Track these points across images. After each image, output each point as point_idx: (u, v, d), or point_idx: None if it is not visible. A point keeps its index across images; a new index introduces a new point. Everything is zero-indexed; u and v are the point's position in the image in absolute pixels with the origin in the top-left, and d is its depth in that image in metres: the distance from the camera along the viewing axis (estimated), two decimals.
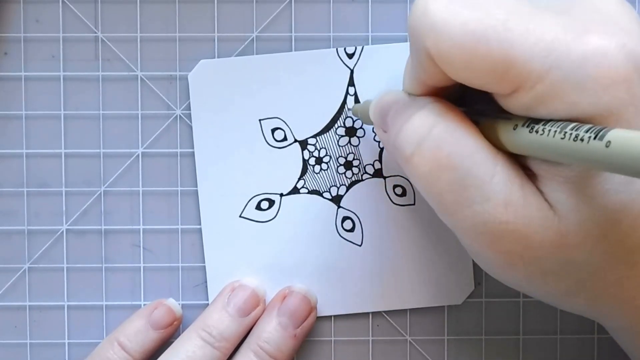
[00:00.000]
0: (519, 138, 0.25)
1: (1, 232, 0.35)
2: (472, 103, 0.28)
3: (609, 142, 0.20)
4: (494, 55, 0.24)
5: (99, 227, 0.35)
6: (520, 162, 0.26)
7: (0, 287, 0.35)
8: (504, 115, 0.26)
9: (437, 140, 0.26)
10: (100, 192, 0.35)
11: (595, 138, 0.21)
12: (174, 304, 0.35)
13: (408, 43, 0.35)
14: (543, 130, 0.23)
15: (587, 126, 0.22)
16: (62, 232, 0.35)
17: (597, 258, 0.25)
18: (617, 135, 0.20)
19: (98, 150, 0.35)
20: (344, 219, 0.35)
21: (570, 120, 0.23)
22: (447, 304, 0.36)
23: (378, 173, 0.35)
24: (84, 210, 0.35)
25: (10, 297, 0.36)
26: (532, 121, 0.24)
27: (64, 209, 0.35)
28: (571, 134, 0.22)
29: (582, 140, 0.22)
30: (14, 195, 0.35)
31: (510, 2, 0.24)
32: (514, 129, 0.25)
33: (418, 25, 0.25)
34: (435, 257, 0.35)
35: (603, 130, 0.21)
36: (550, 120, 0.24)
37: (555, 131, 0.23)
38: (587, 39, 0.23)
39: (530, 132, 0.24)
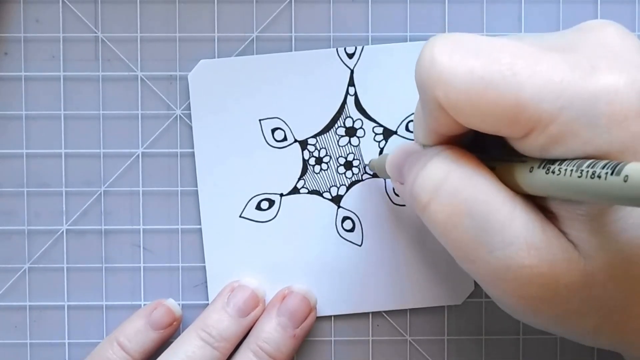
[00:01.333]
0: (536, 180, 0.24)
1: (1, 232, 0.35)
2: (485, 149, 0.28)
3: (627, 176, 0.20)
4: (503, 100, 0.24)
5: (99, 227, 0.35)
6: (539, 204, 0.26)
7: (0, 287, 0.35)
8: (519, 158, 0.26)
9: (454, 187, 0.25)
10: (100, 192, 0.35)
11: (612, 174, 0.21)
12: (174, 304, 0.35)
13: (408, 43, 0.35)
14: (559, 170, 0.23)
15: (603, 162, 0.22)
16: (62, 232, 0.35)
17: (622, 294, 0.25)
18: (634, 169, 0.20)
19: (98, 150, 0.35)
20: (344, 219, 0.35)
21: (586, 158, 0.23)
22: (447, 304, 0.36)
23: None
24: (84, 210, 0.35)
25: (10, 297, 0.36)
26: (547, 162, 0.24)
27: (64, 209, 0.35)
28: (588, 171, 0.22)
29: (599, 177, 0.21)
30: (14, 195, 0.35)
31: (514, 45, 0.24)
32: (530, 171, 0.25)
33: (426, 76, 0.25)
34: (435, 257, 0.35)
35: (620, 165, 0.21)
36: (566, 159, 0.24)
37: (572, 170, 0.23)
38: (597, 77, 0.23)
39: (546, 173, 0.24)
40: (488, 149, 0.28)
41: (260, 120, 0.35)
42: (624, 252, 0.24)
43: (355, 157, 0.35)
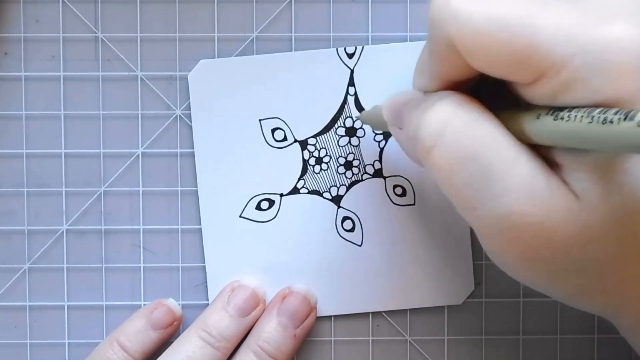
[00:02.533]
0: (543, 127, 0.24)
1: (1, 232, 0.35)
2: (488, 99, 0.28)
3: None
4: (518, 42, 0.23)
5: (99, 227, 0.35)
6: (542, 154, 0.26)
7: (0, 287, 0.35)
8: (525, 107, 0.25)
9: (459, 130, 0.25)
10: (100, 192, 0.35)
11: (625, 119, 0.21)
12: (174, 304, 0.35)
13: (408, 43, 0.35)
14: (569, 116, 0.23)
15: (614, 109, 0.22)
16: (62, 232, 0.35)
17: (619, 250, 0.25)
18: None
19: (98, 150, 0.35)
20: (344, 219, 0.35)
21: (595, 106, 0.23)
22: (447, 304, 0.36)
23: (378, 173, 0.35)
24: (84, 210, 0.35)
25: (10, 297, 0.36)
26: (555, 109, 0.24)
27: (64, 209, 0.35)
28: (599, 117, 0.22)
29: (611, 122, 0.21)
30: (14, 195, 0.35)
31: None
32: (537, 119, 0.24)
33: (440, 15, 0.25)
34: (435, 257, 0.35)
35: (632, 112, 0.21)
36: (575, 107, 0.23)
37: (582, 116, 0.22)
38: (611, 25, 0.23)
39: (555, 119, 0.24)
40: (490, 99, 0.28)
41: (260, 120, 0.35)
42: (626, 205, 0.24)
43: (355, 157, 0.35)
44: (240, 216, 0.35)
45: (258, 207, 0.35)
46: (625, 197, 0.24)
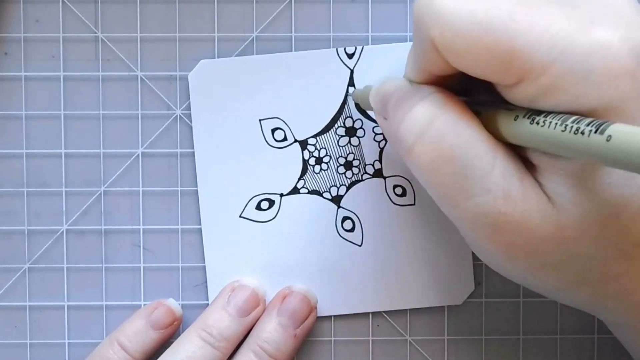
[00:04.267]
0: (520, 129, 0.25)
1: (1, 232, 0.35)
2: (473, 92, 0.28)
3: (610, 136, 0.20)
4: (499, 46, 0.24)
5: (99, 227, 0.35)
6: (520, 154, 0.26)
7: (0, 287, 0.35)
8: (506, 105, 0.26)
9: (439, 132, 0.26)
10: (100, 192, 0.35)
11: (596, 132, 0.21)
12: (174, 304, 0.35)
13: (408, 43, 0.35)
14: (544, 122, 0.23)
15: (588, 119, 0.22)
16: (62, 232, 0.35)
17: (597, 252, 0.25)
18: (618, 130, 0.20)
19: (98, 150, 0.35)
20: (344, 219, 0.35)
21: (573, 113, 0.23)
22: (447, 304, 0.36)
23: (378, 173, 0.35)
24: (84, 210, 0.35)
25: (10, 297, 0.36)
26: (533, 112, 0.24)
27: (64, 209, 0.35)
28: (572, 126, 0.22)
29: (582, 133, 0.22)
30: (14, 195, 0.35)
31: None
32: (515, 120, 0.25)
33: (423, 14, 0.25)
34: (435, 257, 0.35)
35: (604, 125, 0.21)
36: (552, 112, 0.24)
37: (556, 123, 0.23)
38: (592, 32, 0.23)
39: (531, 123, 0.24)
40: (475, 92, 0.28)
41: (260, 120, 0.35)
42: (599, 210, 0.25)
43: (355, 157, 0.35)
44: (240, 216, 0.35)
45: (258, 207, 0.35)
46: (598, 203, 0.25)
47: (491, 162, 0.25)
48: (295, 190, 0.35)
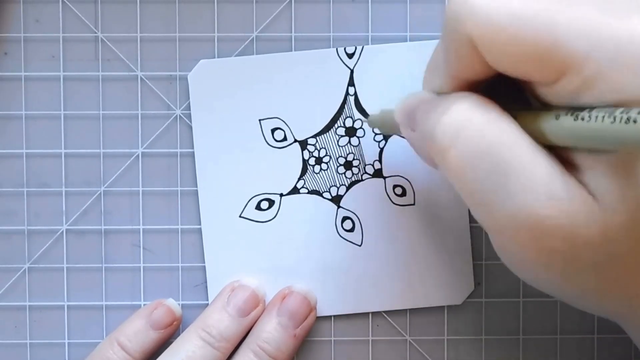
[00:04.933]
0: (563, 128, 0.24)
1: (1, 232, 0.35)
2: (501, 100, 0.27)
3: None
4: (539, 39, 0.23)
5: (99, 227, 0.35)
6: (558, 155, 0.25)
7: (0, 287, 0.35)
8: (542, 108, 0.25)
9: (477, 129, 0.25)
10: (100, 192, 0.35)
11: None
12: (174, 304, 0.35)
13: (408, 43, 0.35)
14: (589, 116, 0.23)
15: (637, 109, 0.21)
16: (62, 232, 0.35)
17: (637, 250, 0.25)
18: None
19: (98, 150, 0.35)
20: (344, 219, 0.35)
21: (616, 105, 0.22)
22: (447, 304, 0.36)
23: (378, 173, 0.35)
24: (84, 210, 0.35)
25: (10, 297, 0.36)
26: (575, 109, 0.23)
27: (64, 209, 0.35)
28: (621, 116, 0.21)
29: (635, 121, 0.21)
30: (14, 195, 0.35)
31: None
32: (557, 119, 0.24)
33: (458, 11, 0.24)
34: (435, 257, 0.35)
35: None
36: (595, 107, 0.23)
37: (604, 116, 0.22)
38: (631, 20, 0.23)
39: (575, 120, 0.23)
40: (503, 101, 0.27)
41: (260, 120, 0.35)
42: None
43: (355, 157, 0.35)
44: (240, 216, 0.35)
45: (258, 207, 0.35)
46: None
47: (533, 160, 0.24)
48: (295, 190, 0.35)
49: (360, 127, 0.35)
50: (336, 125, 0.35)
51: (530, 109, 0.26)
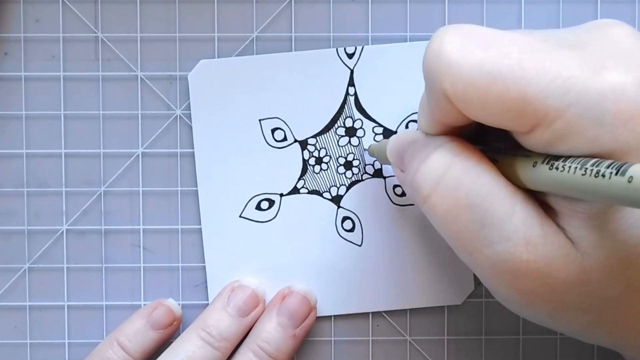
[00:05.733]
0: (539, 175, 0.25)
1: (1, 232, 0.35)
2: (489, 141, 0.28)
3: (631, 177, 0.20)
4: (510, 94, 0.24)
5: (99, 227, 0.35)
6: (539, 199, 0.26)
7: (0, 287, 0.35)
8: (523, 152, 0.26)
9: (455, 180, 0.26)
10: (100, 192, 0.35)
11: (617, 174, 0.21)
12: (174, 304, 0.35)
13: (408, 43, 0.35)
14: (563, 166, 0.23)
15: (608, 162, 0.22)
16: (62, 232, 0.35)
17: (619, 292, 0.25)
18: (639, 170, 0.20)
19: (98, 150, 0.35)
20: (344, 219, 0.35)
21: (591, 156, 0.23)
22: (447, 304, 0.36)
23: (378, 173, 0.35)
24: (84, 210, 0.35)
25: (10, 297, 0.36)
26: (551, 158, 0.24)
27: (64, 209, 0.35)
28: (592, 169, 0.22)
29: (603, 176, 0.21)
30: (14, 195, 0.35)
31: (523, 39, 0.24)
32: (534, 166, 0.25)
33: (433, 67, 0.25)
34: (435, 257, 0.35)
35: (625, 166, 0.21)
36: (570, 156, 0.24)
37: (576, 167, 0.23)
38: (605, 75, 0.23)
39: (550, 169, 0.24)
40: (491, 141, 0.28)
41: (260, 120, 0.35)
42: (622, 251, 0.24)
43: (355, 157, 0.35)
44: (240, 216, 0.35)
45: (258, 207, 0.35)
46: (620, 244, 0.24)
47: (510, 208, 0.25)
48: (295, 190, 0.35)
49: (360, 127, 0.35)
50: (336, 125, 0.35)
51: (514, 151, 0.26)
